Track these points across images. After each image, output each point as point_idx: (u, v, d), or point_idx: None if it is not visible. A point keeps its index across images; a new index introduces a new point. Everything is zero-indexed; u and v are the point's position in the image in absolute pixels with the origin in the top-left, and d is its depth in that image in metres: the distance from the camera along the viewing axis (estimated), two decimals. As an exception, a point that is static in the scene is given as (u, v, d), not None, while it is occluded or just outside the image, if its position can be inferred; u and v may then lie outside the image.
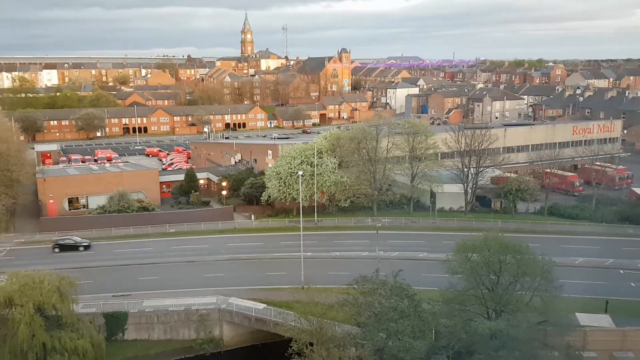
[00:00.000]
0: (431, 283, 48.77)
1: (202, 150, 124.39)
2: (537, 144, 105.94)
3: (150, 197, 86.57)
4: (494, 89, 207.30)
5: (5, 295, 39.80)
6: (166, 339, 51.20)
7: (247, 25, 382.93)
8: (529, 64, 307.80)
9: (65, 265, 59.15)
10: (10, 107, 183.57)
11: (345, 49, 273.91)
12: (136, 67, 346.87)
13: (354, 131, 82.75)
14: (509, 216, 78.42)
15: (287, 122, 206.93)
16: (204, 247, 68.63)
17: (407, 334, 37.18)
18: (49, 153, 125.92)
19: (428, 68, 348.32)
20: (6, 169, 77.78)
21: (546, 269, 39.72)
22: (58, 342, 39.66)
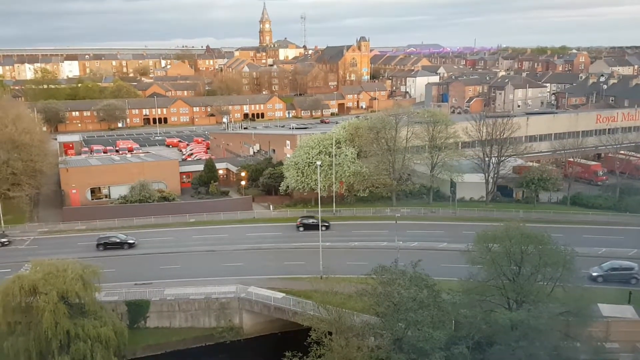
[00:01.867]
0: (451, 273, 48.58)
1: (221, 141, 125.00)
2: (560, 133, 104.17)
3: (171, 187, 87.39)
4: (516, 76, 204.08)
5: (30, 283, 40.58)
6: (187, 327, 51.84)
7: (266, 15, 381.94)
8: (552, 51, 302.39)
9: (87, 254, 60.08)
10: (33, 98, 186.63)
11: (364, 37, 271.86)
12: (156, 58, 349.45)
13: (373, 121, 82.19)
14: (530, 206, 77.41)
15: (305, 112, 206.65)
16: (223, 236, 69.10)
17: (426, 324, 37.02)
18: (71, 144, 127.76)
19: (449, 56, 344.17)
20: (29, 160, 79.01)
21: (568, 259, 39.32)
22: (81, 330, 40.41)
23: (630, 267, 52.97)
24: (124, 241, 66.86)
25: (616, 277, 52.06)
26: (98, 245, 66.26)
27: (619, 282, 51.50)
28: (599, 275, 51.90)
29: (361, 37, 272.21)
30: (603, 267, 53.33)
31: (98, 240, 66.88)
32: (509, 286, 39.49)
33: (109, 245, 66.13)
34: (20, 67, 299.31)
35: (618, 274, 52.39)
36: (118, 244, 66.30)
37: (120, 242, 66.69)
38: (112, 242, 66.53)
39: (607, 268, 53.09)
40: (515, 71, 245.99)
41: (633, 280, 51.86)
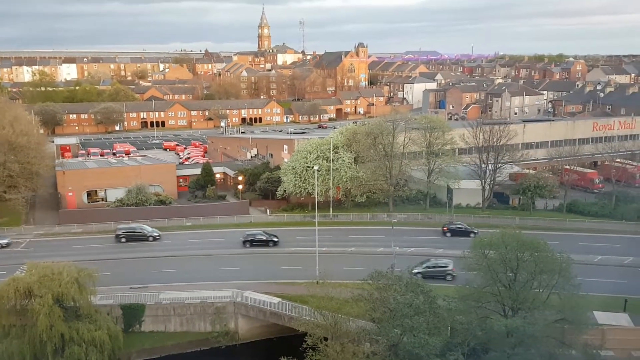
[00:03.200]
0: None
1: (219, 145, 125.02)
2: (556, 140, 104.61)
3: (168, 190, 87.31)
4: (513, 84, 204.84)
5: (25, 286, 40.53)
6: (182, 331, 51.68)
7: (264, 20, 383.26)
8: (549, 59, 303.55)
9: (83, 257, 59.87)
10: (31, 100, 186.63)
11: (362, 43, 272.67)
12: (154, 62, 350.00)
13: (371, 126, 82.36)
14: (527, 213, 77.57)
15: (303, 116, 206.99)
16: (220, 240, 69.02)
17: (422, 330, 37.04)
18: (69, 146, 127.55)
19: (446, 63, 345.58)
20: (26, 162, 78.80)
21: (564, 266, 39.32)
22: (76, 333, 40.35)
23: (445, 265, 55.77)
24: (149, 234, 68.51)
25: (433, 274, 54.67)
26: (118, 237, 68.11)
27: (436, 279, 53.68)
28: (418, 272, 53.88)
29: (359, 43, 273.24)
30: (423, 265, 55.91)
31: (117, 231, 68.44)
32: (505, 293, 39.51)
33: (131, 238, 67.71)
34: (18, 70, 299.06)
35: (435, 270, 55.23)
36: (141, 236, 68.07)
37: (144, 234, 68.40)
38: (136, 233, 68.21)
39: (425, 266, 55.75)
40: (513, 78, 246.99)
41: (448, 276, 54.70)
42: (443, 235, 69.17)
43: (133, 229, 68.90)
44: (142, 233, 68.39)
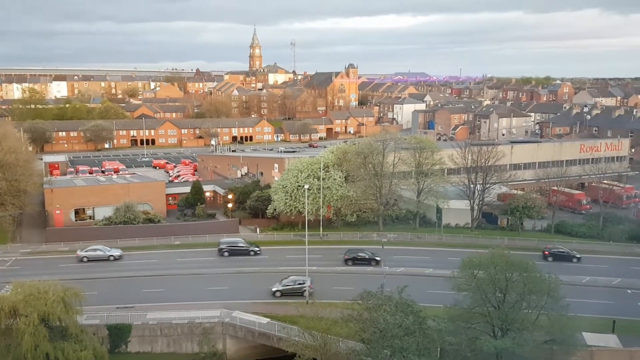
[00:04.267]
0: (437, 300, 48.49)
1: (209, 163, 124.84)
2: (544, 162, 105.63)
3: (157, 208, 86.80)
4: (500, 105, 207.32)
5: (10, 305, 39.82)
6: (169, 352, 50.99)
7: (256, 40, 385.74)
8: (536, 81, 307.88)
9: (70, 276, 59.10)
10: (20, 117, 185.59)
11: (353, 64, 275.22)
12: (145, 80, 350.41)
13: (361, 146, 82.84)
14: (515, 233, 77.98)
15: (293, 135, 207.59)
16: (209, 259, 68.54)
17: (412, 351, 36.84)
18: (57, 164, 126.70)
19: (435, 84, 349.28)
20: (14, 179, 78.18)
21: (553, 287, 39.49)
22: (61, 354, 39.58)
23: (303, 282, 56.62)
24: (109, 254, 68.03)
25: (292, 291, 56.01)
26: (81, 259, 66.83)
27: (294, 296, 55.07)
28: (277, 290, 55.49)
29: (350, 64, 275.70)
30: (282, 283, 56.96)
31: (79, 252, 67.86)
32: (494, 313, 39.52)
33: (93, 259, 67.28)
34: (8, 87, 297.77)
35: (294, 287, 56.40)
36: (101, 257, 67.80)
37: (104, 254, 68.02)
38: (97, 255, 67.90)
39: (284, 283, 56.91)
40: (500, 100, 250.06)
41: (305, 292, 55.50)
42: (543, 259, 66.61)
43: (94, 249, 68.69)
44: (102, 254, 68.00)
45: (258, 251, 68.29)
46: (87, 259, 67.55)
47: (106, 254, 68.31)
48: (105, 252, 68.49)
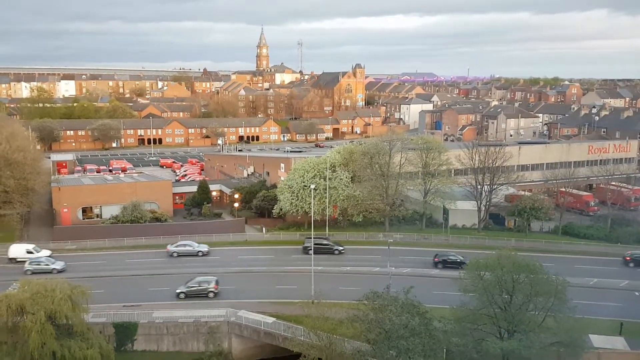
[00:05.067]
0: (443, 301, 48.42)
1: (216, 163, 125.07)
2: (551, 163, 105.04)
3: (163, 208, 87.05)
4: (508, 106, 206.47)
5: (17, 302, 40.09)
6: (175, 351, 51.08)
7: (263, 40, 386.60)
8: (545, 82, 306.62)
9: (76, 274, 59.44)
10: (28, 116, 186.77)
11: (360, 64, 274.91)
12: (153, 80, 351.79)
13: (367, 146, 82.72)
14: (522, 235, 77.58)
15: (300, 135, 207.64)
16: (215, 258, 68.66)
17: (417, 352, 36.70)
18: (65, 162, 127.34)
19: (442, 84, 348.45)
20: (22, 178, 78.58)
21: (560, 289, 39.25)
22: (68, 351, 39.81)
23: (207, 282, 56.83)
24: (198, 250, 69.65)
25: (197, 292, 56.04)
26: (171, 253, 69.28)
27: (199, 297, 55.34)
28: (181, 292, 55.43)
29: (357, 64, 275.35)
30: (186, 285, 56.69)
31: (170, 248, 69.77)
32: (501, 315, 39.34)
33: (183, 254, 68.87)
34: (16, 86, 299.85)
35: (198, 289, 56.33)
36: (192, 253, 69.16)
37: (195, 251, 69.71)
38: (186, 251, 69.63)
39: (188, 285, 56.65)
40: (508, 101, 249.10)
41: (210, 293, 56.05)
42: None
43: (184, 244, 70.39)
44: (191, 249, 69.40)
45: (342, 250, 67.84)
46: (177, 254, 68.60)
47: (195, 250, 69.49)
48: (194, 247, 69.58)
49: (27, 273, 62.20)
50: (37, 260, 64.40)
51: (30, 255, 66.93)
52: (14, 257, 67.44)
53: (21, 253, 67.41)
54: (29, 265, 63.63)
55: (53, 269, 63.29)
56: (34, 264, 63.71)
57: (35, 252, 67.60)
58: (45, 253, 68.15)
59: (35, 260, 64.39)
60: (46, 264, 63.93)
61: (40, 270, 62.76)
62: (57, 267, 63.78)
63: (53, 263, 64.26)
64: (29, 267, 63.45)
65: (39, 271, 62.46)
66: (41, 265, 63.52)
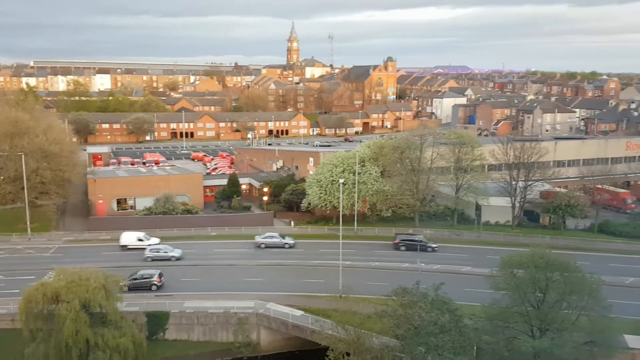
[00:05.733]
0: (474, 298, 47.82)
1: (245, 156, 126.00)
2: (588, 159, 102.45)
3: (194, 200, 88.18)
4: (544, 100, 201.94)
5: (53, 291, 41.10)
6: (205, 341, 51.77)
7: (294, 34, 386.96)
8: (582, 76, 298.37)
9: (110, 263, 60.71)
10: (65, 109, 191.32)
11: (391, 57, 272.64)
12: (185, 74, 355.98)
13: (398, 140, 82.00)
14: (557, 232, 75.92)
15: (329, 129, 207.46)
16: (244, 251, 69.24)
17: (447, 349, 36.29)
18: (100, 155, 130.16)
19: (477, 78, 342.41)
20: (58, 169, 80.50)
21: (594, 287, 38.39)
22: (101, 339, 40.65)
23: (150, 275, 56.78)
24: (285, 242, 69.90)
25: (139, 285, 55.91)
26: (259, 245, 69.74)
27: (142, 289, 55.10)
28: (124, 285, 53.76)
29: (388, 57, 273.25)
30: (129, 277, 56.26)
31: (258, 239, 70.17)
32: (533, 313, 38.58)
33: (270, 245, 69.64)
34: (53, 79, 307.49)
35: (141, 281, 56.30)
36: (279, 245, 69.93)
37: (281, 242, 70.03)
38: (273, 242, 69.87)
39: (132, 278, 56.43)
40: (544, 95, 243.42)
41: (153, 286, 55.94)
42: None
43: (271, 236, 70.49)
44: (278, 241, 69.63)
45: (436, 248, 67.30)
46: (264, 245, 69.15)
47: (282, 242, 69.86)
48: (281, 240, 70.07)
49: (147, 260, 64.34)
50: (156, 248, 66.17)
51: (140, 242, 69.21)
52: (125, 244, 69.48)
53: (132, 240, 69.56)
54: (149, 252, 65.36)
55: (172, 257, 65.20)
56: (154, 252, 65.52)
57: (145, 239, 69.52)
58: (155, 241, 69.64)
59: (155, 248, 66.18)
60: (165, 251, 65.64)
61: (159, 257, 64.88)
62: (176, 254, 65.57)
63: (172, 251, 65.85)
64: (149, 254, 65.19)
65: (159, 258, 64.67)
66: (160, 253, 65.31)
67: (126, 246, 69.50)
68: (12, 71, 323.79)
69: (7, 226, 77.89)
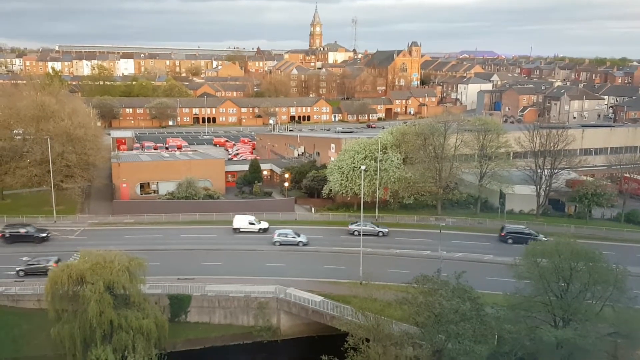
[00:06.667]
0: (496, 287, 47.44)
1: (267, 142, 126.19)
2: (616, 147, 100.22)
3: (216, 185, 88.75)
4: (572, 87, 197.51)
5: (78, 272, 41.86)
6: (226, 324, 52.38)
7: (317, 18, 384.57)
8: (611, 62, 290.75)
9: (135, 246, 61.53)
10: (89, 93, 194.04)
11: (416, 42, 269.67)
12: (208, 59, 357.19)
13: (421, 127, 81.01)
14: (583, 221, 74.56)
15: (351, 116, 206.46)
16: (265, 236, 69.55)
17: (467, 337, 36.07)
18: (124, 139, 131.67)
19: (503, 63, 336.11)
20: (83, 153, 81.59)
21: (620, 278, 37.85)
22: (124, 320, 41.38)
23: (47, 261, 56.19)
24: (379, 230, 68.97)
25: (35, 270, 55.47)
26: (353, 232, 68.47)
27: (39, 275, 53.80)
28: (20, 270, 55.28)
29: (412, 42, 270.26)
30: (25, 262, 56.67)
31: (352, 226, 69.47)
32: (556, 303, 38.10)
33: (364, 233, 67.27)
34: (78, 63, 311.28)
35: (37, 267, 55.80)
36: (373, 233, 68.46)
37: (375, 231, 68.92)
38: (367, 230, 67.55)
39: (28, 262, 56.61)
40: (572, 82, 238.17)
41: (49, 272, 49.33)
42: None
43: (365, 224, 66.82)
44: (372, 229, 68.47)
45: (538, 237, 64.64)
46: (357, 232, 67.11)
47: (375, 230, 68.91)
48: (375, 228, 69.18)
49: (275, 244, 65.25)
50: (284, 233, 66.60)
51: (251, 226, 70.66)
52: (238, 227, 70.79)
53: (244, 224, 70.85)
54: (278, 237, 65.88)
55: (299, 242, 65.41)
56: (282, 236, 66.01)
57: (256, 223, 70.73)
58: (264, 225, 70.47)
59: (283, 233, 66.58)
60: (293, 236, 66.02)
61: (287, 242, 65.49)
62: (303, 240, 65.66)
63: (299, 236, 66.09)
64: (278, 238, 65.77)
65: (287, 243, 65.31)
66: (288, 238, 65.83)
67: (238, 229, 70.58)
68: (38, 55, 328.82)
69: (33, 209, 79.50)
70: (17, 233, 66.50)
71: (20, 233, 66.56)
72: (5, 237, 66.29)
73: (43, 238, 66.83)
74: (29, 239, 65.98)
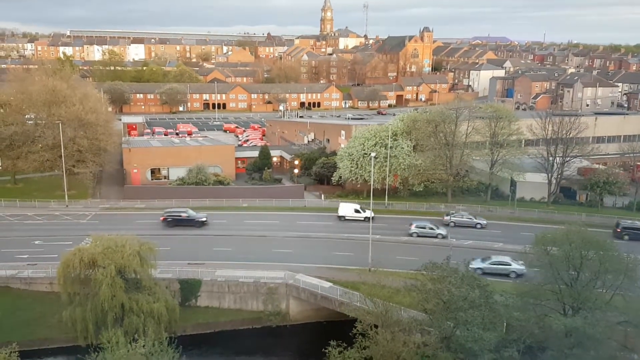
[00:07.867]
0: (504, 274, 47.12)
1: (277, 128, 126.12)
2: (629, 135, 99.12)
3: (226, 171, 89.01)
4: (586, 74, 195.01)
5: (89, 256, 42.28)
6: (236, 309, 52.78)
7: (328, 3, 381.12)
8: (626, 49, 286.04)
9: (145, 231, 61.93)
10: (100, 79, 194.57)
11: (428, 27, 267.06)
12: (218, 44, 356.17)
13: (432, 114, 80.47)
14: (594, 210, 74.01)
15: (362, 102, 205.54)
16: (274, 222, 69.79)
17: (476, 324, 36.09)
18: (135, 125, 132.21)
19: (516, 49, 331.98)
20: (94, 138, 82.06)
21: (631, 267, 37.61)
22: (135, 304, 41.85)
23: None
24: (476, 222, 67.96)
25: None
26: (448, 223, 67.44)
27: None
28: None
29: (424, 27, 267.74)
30: None
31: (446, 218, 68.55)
32: (566, 291, 37.93)
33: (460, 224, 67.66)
34: (89, 48, 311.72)
35: None
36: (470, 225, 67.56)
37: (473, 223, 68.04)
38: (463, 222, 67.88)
39: None
40: (586, 68, 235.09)
41: None
42: None
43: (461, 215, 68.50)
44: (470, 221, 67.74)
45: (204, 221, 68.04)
46: (454, 224, 67.13)
47: (473, 222, 67.97)
48: (472, 219, 68.31)
49: (412, 236, 64.22)
50: (422, 225, 65.37)
51: (357, 214, 69.76)
52: (343, 215, 70.67)
53: (349, 212, 70.66)
54: (415, 228, 64.81)
55: (438, 234, 63.78)
56: (419, 228, 64.80)
57: (362, 211, 70.11)
58: (369, 214, 67.45)
59: (421, 225, 65.35)
60: (431, 227, 64.67)
61: (424, 234, 64.08)
62: (442, 232, 63.94)
63: (438, 228, 64.70)
64: (415, 230, 64.69)
65: (424, 235, 64.17)
66: (426, 229, 64.58)
67: (344, 217, 70.39)
68: (50, 40, 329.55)
69: (45, 193, 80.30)
70: (178, 217, 68.15)
71: (181, 217, 68.16)
72: (167, 220, 67.89)
73: (203, 222, 68.10)
74: (190, 223, 67.55)
